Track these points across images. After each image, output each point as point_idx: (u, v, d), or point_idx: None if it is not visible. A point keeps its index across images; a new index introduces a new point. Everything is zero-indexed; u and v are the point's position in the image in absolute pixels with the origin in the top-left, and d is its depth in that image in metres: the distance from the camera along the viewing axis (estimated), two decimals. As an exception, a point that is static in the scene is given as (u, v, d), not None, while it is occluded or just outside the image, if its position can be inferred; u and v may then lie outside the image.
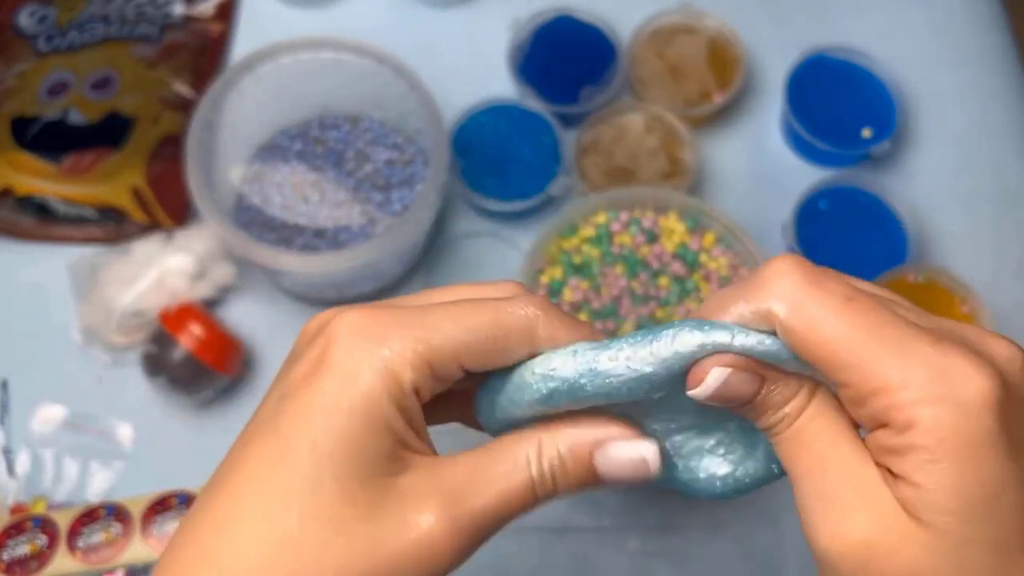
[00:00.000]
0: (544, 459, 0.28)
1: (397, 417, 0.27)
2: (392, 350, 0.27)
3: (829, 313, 0.25)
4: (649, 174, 0.69)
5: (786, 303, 0.26)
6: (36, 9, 0.73)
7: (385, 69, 0.64)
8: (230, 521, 0.26)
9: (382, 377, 0.26)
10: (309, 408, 0.26)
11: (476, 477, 0.28)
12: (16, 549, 0.58)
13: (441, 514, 0.27)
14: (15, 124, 0.68)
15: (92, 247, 0.67)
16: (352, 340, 0.27)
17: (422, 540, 0.26)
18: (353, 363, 0.27)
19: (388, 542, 0.26)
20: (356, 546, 0.26)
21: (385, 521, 0.26)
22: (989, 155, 0.74)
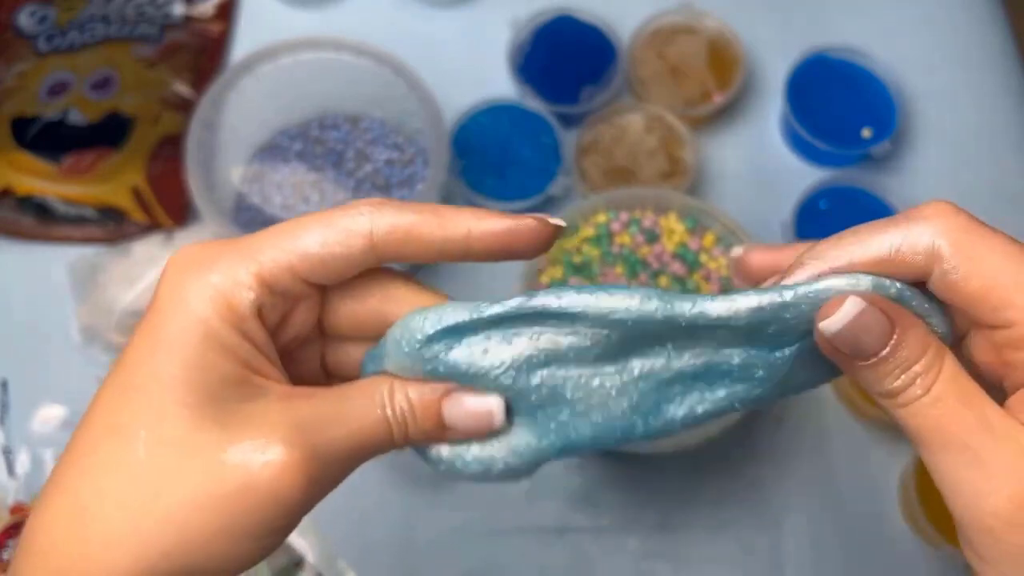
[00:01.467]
0: (396, 402, 0.29)
1: (239, 340, 0.26)
2: (221, 274, 0.26)
3: (993, 250, 0.25)
4: (649, 174, 0.69)
5: (952, 239, 0.25)
6: (36, 9, 0.73)
7: (385, 69, 0.64)
8: (87, 455, 0.26)
9: (213, 301, 0.26)
10: (147, 340, 0.26)
11: (331, 410, 0.27)
12: (16, 549, 0.58)
13: (294, 441, 0.26)
14: (15, 124, 0.68)
15: (92, 247, 0.67)
16: (180, 272, 0.27)
17: (274, 465, 0.25)
18: (182, 292, 0.26)
19: (238, 467, 0.25)
20: (205, 469, 0.25)
21: (235, 446, 0.25)
22: (989, 155, 0.74)
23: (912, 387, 0.26)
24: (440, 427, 0.29)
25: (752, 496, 0.63)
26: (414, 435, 0.29)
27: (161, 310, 0.26)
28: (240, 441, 0.25)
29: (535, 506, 0.62)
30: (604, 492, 0.63)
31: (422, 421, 0.29)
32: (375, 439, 0.28)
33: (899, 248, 0.26)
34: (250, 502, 0.25)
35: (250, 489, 0.25)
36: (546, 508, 0.62)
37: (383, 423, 0.28)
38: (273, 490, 0.25)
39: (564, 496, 0.62)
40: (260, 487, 0.25)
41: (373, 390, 0.29)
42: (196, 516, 0.25)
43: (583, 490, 0.62)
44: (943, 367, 0.26)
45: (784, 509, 0.62)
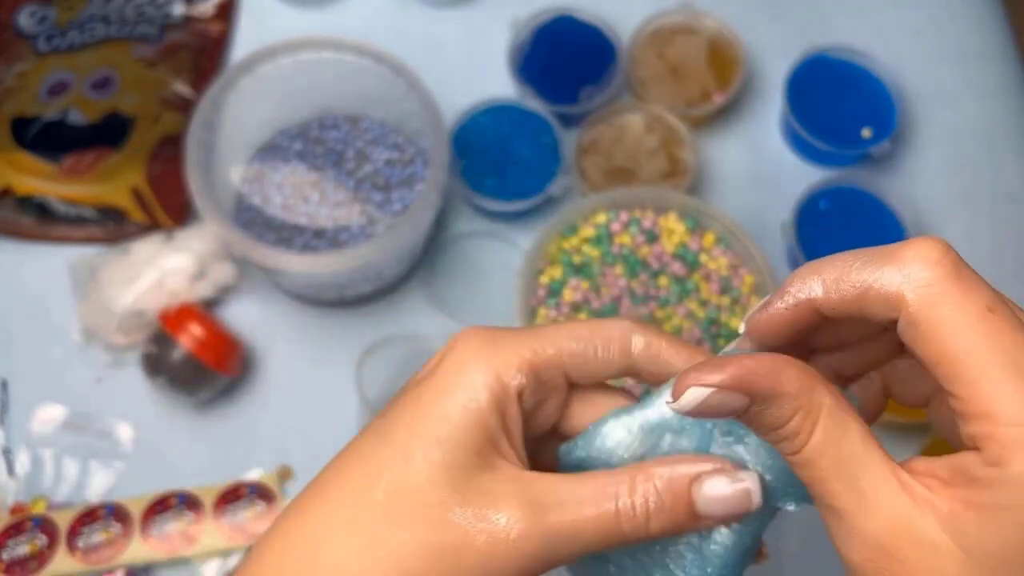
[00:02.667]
0: (638, 492, 0.28)
1: (493, 414, 0.28)
2: (501, 354, 0.29)
3: (963, 318, 0.23)
4: (649, 174, 0.69)
5: (920, 293, 0.24)
6: (36, 9, 0.73)
7: (385, 69, 0.64)
8: (332, 488, 0.29)
9: (485, 375, 0.29)
10: (415, 398, 0.29)
11: (561, 493, 0.28)
12: (16, 549, 0.58)
13: (520, 515, 0.27)
14: (15, 124, 0.68)
15: (92, 247, 0.67)
16: (467, 345, 0.30)
17: (497, 534, 0.27)
18: (463, 363, 0.29)
19: (464, 527, 0.27)
20: (433, 523, 0.27)
21: (464, 508, 0.27)
22: (989, 155, 0.74)
23: (784, 445, 0.26)
24: (691, 517, 0.28)
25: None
26: (657, 528, 0.28)
27: (440, 373, 0.29)
28: (469, 506, 0.27)
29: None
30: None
31: (670, 513, 0.28)
32: (603, 530, 0.28)
33: (869, 288, 0.25)
34: (467, 561, 0.27)
35: (469, 548, 0.27)
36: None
37: (613, 515, 0.28)
38: (494, 557, 0.27)
39: None
40: (480, 553, 0.27)
41: (608, 480, 0.29)
42: (416, 563, 0.27)
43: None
44: (815, 429, 0.25)
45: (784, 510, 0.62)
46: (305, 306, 0.68)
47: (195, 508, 0.59)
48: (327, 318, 0.67)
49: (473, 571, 0.27)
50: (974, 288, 0.24)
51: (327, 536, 0.28)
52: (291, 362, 0.66)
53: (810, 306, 0.27)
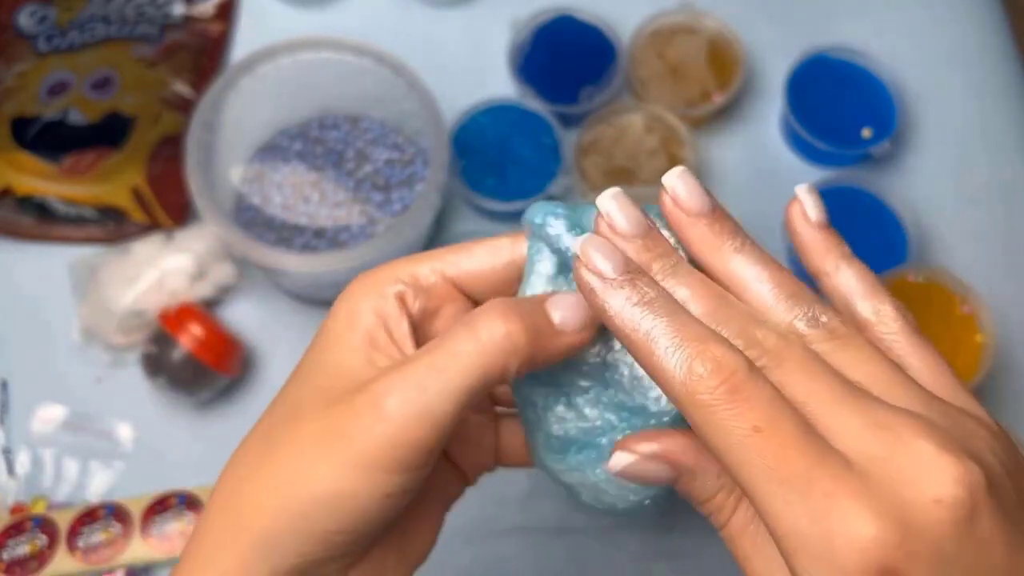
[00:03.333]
0: (482, 321, 0.29)
1: (368, 314, 0.30)
2: (377, 273, 0.31)
3: (733, 439, 0.23)
4: (649, 174, 0.69)
5: (699, 416, 0.24)
6: (36, 9, 0.73)
7: (385, 69, 0.64)
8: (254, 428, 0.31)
9: (360, 291, 0.31)
10: (316, 340, 0.31)
11: (422, 351, 0.29)
12: (16, 549, 0.58)
13: (381, 383, 0.28)
14: (15, 124, 0.68)
15: (92, 247, 0.67)
16: (355, 281, 0.32)
17: (362, 410, 0.28)
18: (344, 293, 0.31)
19: (337, 418, 0.28)
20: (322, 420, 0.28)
21: (337, 397, 0.28)
22: (989, 155, 0.74)
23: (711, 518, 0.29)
24: (550, 325, 0.29)
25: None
26: (517, 337, 0.28)
27: (333, 309, 0.31)
28: (343, 393, 0.28)
29: (535, 506, 0.62)
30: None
31: (529, 315, 0.29)
32: (466, 364, 0.28)
33: (661, 380, 0.25)
34: (344, 439, 0.27)
35: (343, 427, 0.28)
36: (546, 508, 0.62)
37: (469, 341, 0.28)
38: (359, 426, 0.27)
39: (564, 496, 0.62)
40: (351, 424, 0.28)
41: (465, 319, 0.29)
42: (300, 456, 0.28)
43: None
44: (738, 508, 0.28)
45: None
46: (305, 306, 0.68)
47: (195, 508, 0.59)
48: (327, 318, 0.67)
49: (355, 448, 0.27)
50: (744, 406, 0.24)
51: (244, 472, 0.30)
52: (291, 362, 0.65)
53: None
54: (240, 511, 0.29)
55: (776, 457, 0.23)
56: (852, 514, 0.22)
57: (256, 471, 0.29)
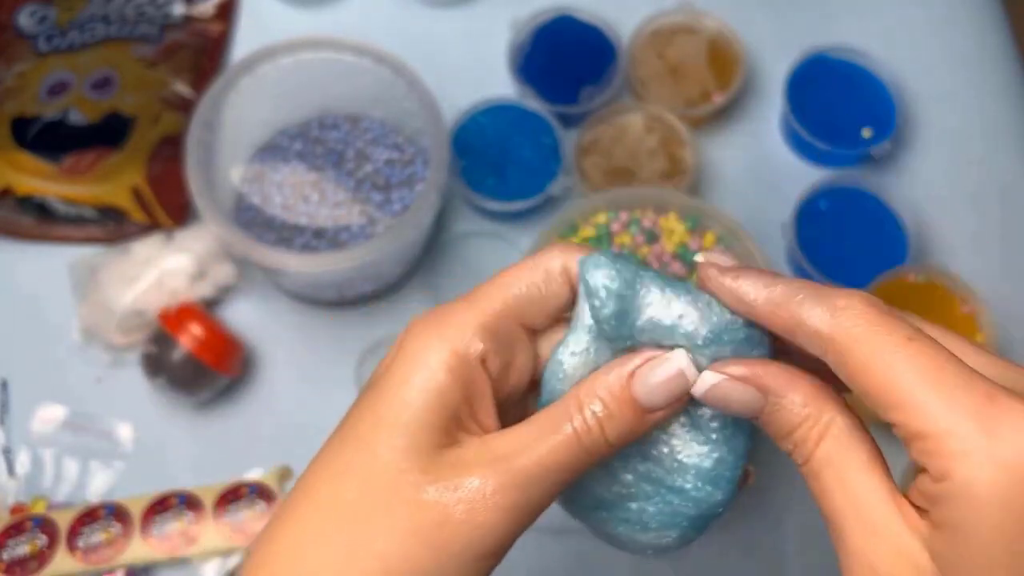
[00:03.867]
0: (585, 407, 0.29)
1: (453, 389, 0.28)
2: (452, 326, 0.29)
3: (887, 348, 0.25)
4: (649, 174, 0.69)
5: (844, 333, 0.25)
6: (36, 9, 0.73)
7: (385, 69, 0.64)
8: (308, 496, 0.29)
9: (440, 352, 0.29)
10: (376, 392, 0.29)
11: (521, 437, 0.28)
12: (16, 549, 0.58)
13: (487, 474, 0.27)
14: (15, 124, 0.68)
15: (92, 247, 0.67)
16: (419, 328, 0.30)
17: (473, 498, 0.27)
18: (417, 346, 0.29)
19: (439, 502, 0.27)
20: (408, 509, 0.27)
21: (436, 484, 0.27)
22: (989, 155, 0.74)
23: (794, 453, 0.28)
24: (639, 413, 0.29)
25: (752, 496, 0.63)
26: (614, 435, 0.29)
27: (399, 365, 0.29)
28: (441, 481, 0.27)
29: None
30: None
31: (619, 416, 0.29)
32: (567, 456, 0.28)
33: (801, 323, 0.26)
34: (448, 533, 0.27)
35: (448, 522, 0.27)
36: (546, 508, 0.62)
37: (571, 439, 0.28)
38: (469, 521, 0.27)
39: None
40: (457, 519, 0.27)
41: (558, 408, 0.29)
42: (399, 549, 0.27)
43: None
44: (821, 441, 0.27)
45: (784, 509, 0.62)
46: (305, 306, 0.68)
47: (195, 508, 0.59)
48: (327, 318, 0.67)
49: (458, 543, 0.27)
50: (895, 324, 0.25)
51: (305, 545, 0.28)
52: (291, 362, 0.66)
53: (745, 307, 0.28)
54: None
55: (932, 363, 0.24)
56: (1015, 411, 0.23)
57: (338, 557, 0.27)
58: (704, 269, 0.29)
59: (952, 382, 0.24)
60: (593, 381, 0.29)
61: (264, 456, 0.62)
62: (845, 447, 0.26)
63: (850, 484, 0.26)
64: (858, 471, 0.26)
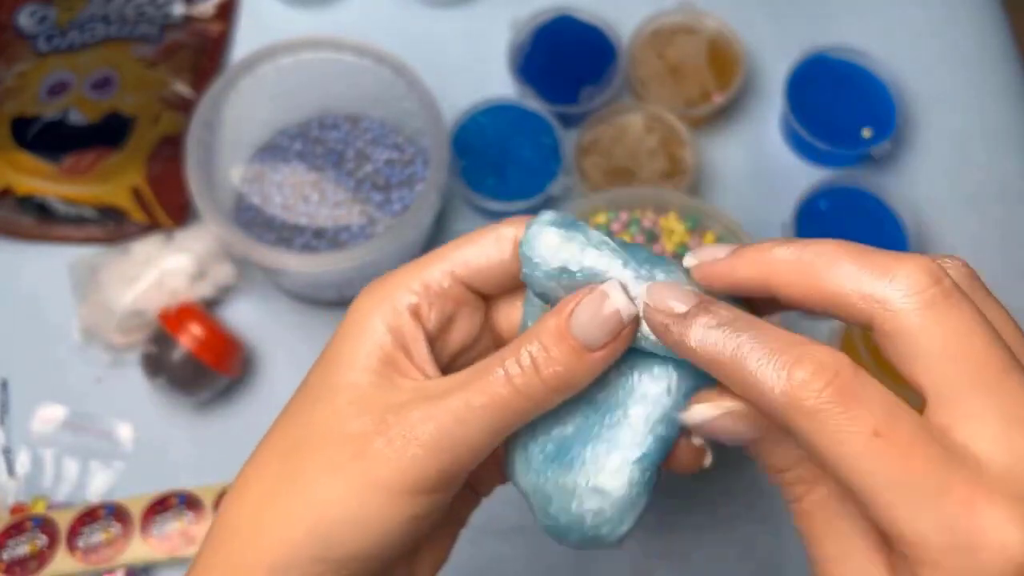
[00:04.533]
0: (521, 350, 0.28)
1: (385, 335, 0.30)
2: (388, 284, 0.31)
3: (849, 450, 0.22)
4: (649, 174, 0.69)
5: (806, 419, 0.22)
6: (36, 9, 0.73)
7: (385, 69, 0.64)
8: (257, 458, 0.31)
9: (372, 305, 0.30)
10: (322, 354, 0.31)
11: (454, 381, 0.29)
12: (16, 549, 0.58)
13: (412, 409, 0.28)
14: (15, 124, 0.68)
15: (92, 247, 0.67)
16: (363, 291, 0.31)
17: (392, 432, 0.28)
18: (356, 307, 0.31)
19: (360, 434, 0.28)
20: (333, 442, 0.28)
21: (360, 418, 0.28)
22: (989, 155, 0.74)
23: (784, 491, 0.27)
24: (577, 351, 0.27)
25: (752, 496, 0.63)
26: (551, 375, 0.27)
27: (341, 326, 0.31)
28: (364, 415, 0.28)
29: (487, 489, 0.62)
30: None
31: (557, 355, 0.27)
32: (497, 398, 0.27)
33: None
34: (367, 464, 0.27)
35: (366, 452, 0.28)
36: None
37: (502, 379, 0.27)
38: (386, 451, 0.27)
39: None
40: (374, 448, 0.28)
41: (496, 354, 0.28)
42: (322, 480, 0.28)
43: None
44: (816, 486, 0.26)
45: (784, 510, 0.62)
46: (305, 306, 0.68)
47: (195, 508, 0.59)
48: (327, 318, 0.67)
49: (375, 473, 0.27)
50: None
51: (259, 497, 0.29)
52: (291, 362, 0.66)
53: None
54: (258, 537, 0.28)
55: (901, 464, 0.21)
56: (996, 522, 0.21)
57: (275, 495, 0.28)
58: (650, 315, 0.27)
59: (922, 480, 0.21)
60: (535, 326, 0.28)
61: (264, 456, 0.62)
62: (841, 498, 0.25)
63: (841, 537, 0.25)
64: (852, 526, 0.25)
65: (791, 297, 0.25)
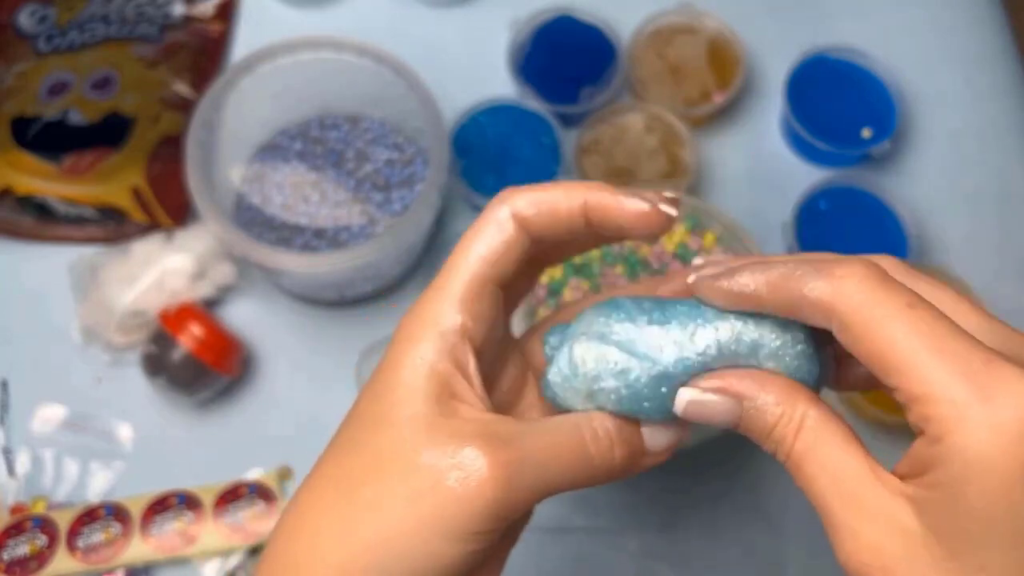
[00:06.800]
0: (596, 422, 0.30)
1: (441, 361, 0.30)
2: (429, 307, 0.30)
3: (886, 315, 0.25)
4: (649, 174, 0.69)
5: (848, 302, 0.26)
6: (36, 9, 0.73)
7: (385, 69, 0.64)
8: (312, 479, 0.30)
9: (422, 331, 0.30)
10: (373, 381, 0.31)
11: (525, 427, 0.29)
12: (16, 549, 0.58)
13: (484, 446, 0.28)
14: (15, 124, 0.68)
15: (92, 247, 0.67)
16: (404, 321, 0.31)
17: (466, 466, 0.27)
18: (402, 334, 0.31)
19: (434, 466, 0.28)
20: (404, 472, 0.28)
21: (432, 448, 0.28)
22: (989, 155, 0.74)
23: (777, 451, 0.29)
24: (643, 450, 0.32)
25: (752, 496, 0.63)
26: (620, 456, 0.31)
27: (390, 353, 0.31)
28: (437, 446, 0.28)
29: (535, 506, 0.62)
30: (604, 492, 0.63)
31: (630, 441, 0.31)
32: (573, 457, 0.30)
33: (804, 297, 0.27)
34: (438, 499, 0.27)
35: (441, 487, 0.27)
36: (546, 508, 0.62)
37: (578, 438, 0.30)
38: (460, 488, 0.27)
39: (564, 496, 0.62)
40: (447, 483, 0.27)
41: (572, 416, 0.31)
42: (390, 513, 0.28)
43: (583, 490, 0.62)
44: (799, 435, 0.28)
45: (784, 509, 0.62)
46: (305, 306, 0.68)
47: (195, 508, 0.59)
48: (327, 318, 0.67)
49: (447, 511, 0.27)
50: (895, 291, 0.26)
51: (308, 511, 0.29)
52: (291, 362, 0.66)
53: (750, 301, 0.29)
54: (318, 567, 0.28)
55: (932, 328, 0.25)
56: (1015, 379, 0.23)
57: (338, 525, 0.28)
58: (697, 285, 0.30)
59: (950, 348, 0.24)
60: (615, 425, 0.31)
61: (264, 456, 0.62)
62: (820, 433, 0.27)
63: (829, 465, 0.27)
64: (835, 451, 0.27)
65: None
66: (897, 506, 0.25)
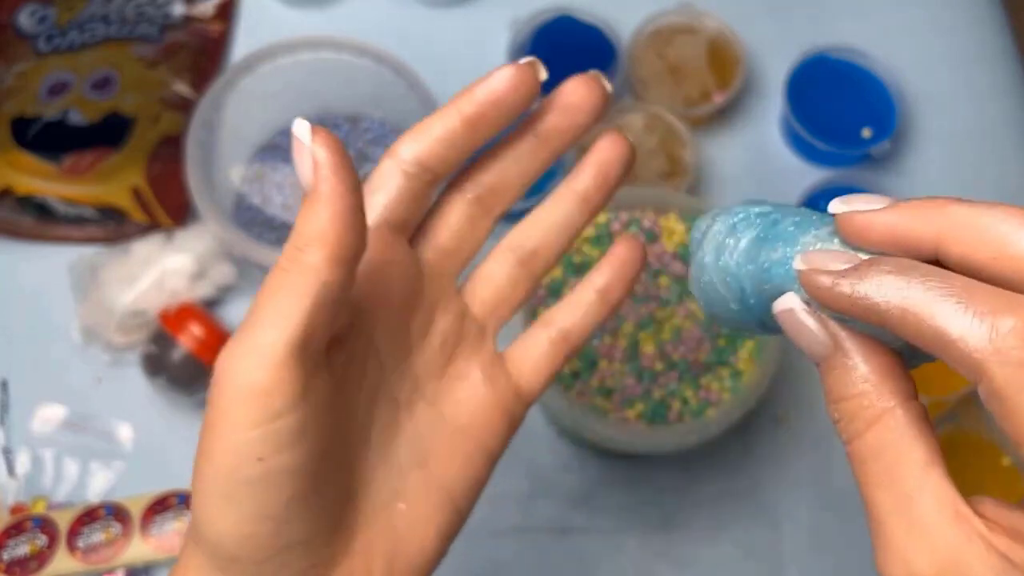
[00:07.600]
0: None
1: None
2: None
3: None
4: (649, 174, 0.69)
5: (1007, 371, 0.21)
6: (36, 9, 0.73)
7: (384, 69, 0.64)
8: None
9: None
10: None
11: None
12: (16, 549, 0.58)
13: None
14: (15, 124, 0.68)
15: (92, 247, 0.67)
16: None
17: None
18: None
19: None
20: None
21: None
22: (989, 155, 0.74)
23: (838, 424, 0.25)
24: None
25: (752, 496, 0.63)
26: None
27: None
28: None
29: (535, 506, 0.62)
30: (604, 492, 0.63)
31: None
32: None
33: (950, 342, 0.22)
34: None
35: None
36: (546, 508, 0.62)
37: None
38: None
39: (564, 496, 0.62)
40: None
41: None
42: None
43: (583, 490, 0.62)
44: (872, 426, 0.24)
45: (784, 509, 0.62)
46: (305, 306, 0.68)
47: (195, 508, 0.59)
48: (327, 318, 0.67)
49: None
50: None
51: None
52: (291, 362, 0.66)
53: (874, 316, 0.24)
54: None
55: None
56: None
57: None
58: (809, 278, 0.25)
59: None
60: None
61: (264, 456, 0.62)
62: (900, 442, 0.23)
63: (900, 482, 0.23)
64: (911, 469, 0.23)
65: (964, 261, 0.24)
66: (972, 553, 0.22)
